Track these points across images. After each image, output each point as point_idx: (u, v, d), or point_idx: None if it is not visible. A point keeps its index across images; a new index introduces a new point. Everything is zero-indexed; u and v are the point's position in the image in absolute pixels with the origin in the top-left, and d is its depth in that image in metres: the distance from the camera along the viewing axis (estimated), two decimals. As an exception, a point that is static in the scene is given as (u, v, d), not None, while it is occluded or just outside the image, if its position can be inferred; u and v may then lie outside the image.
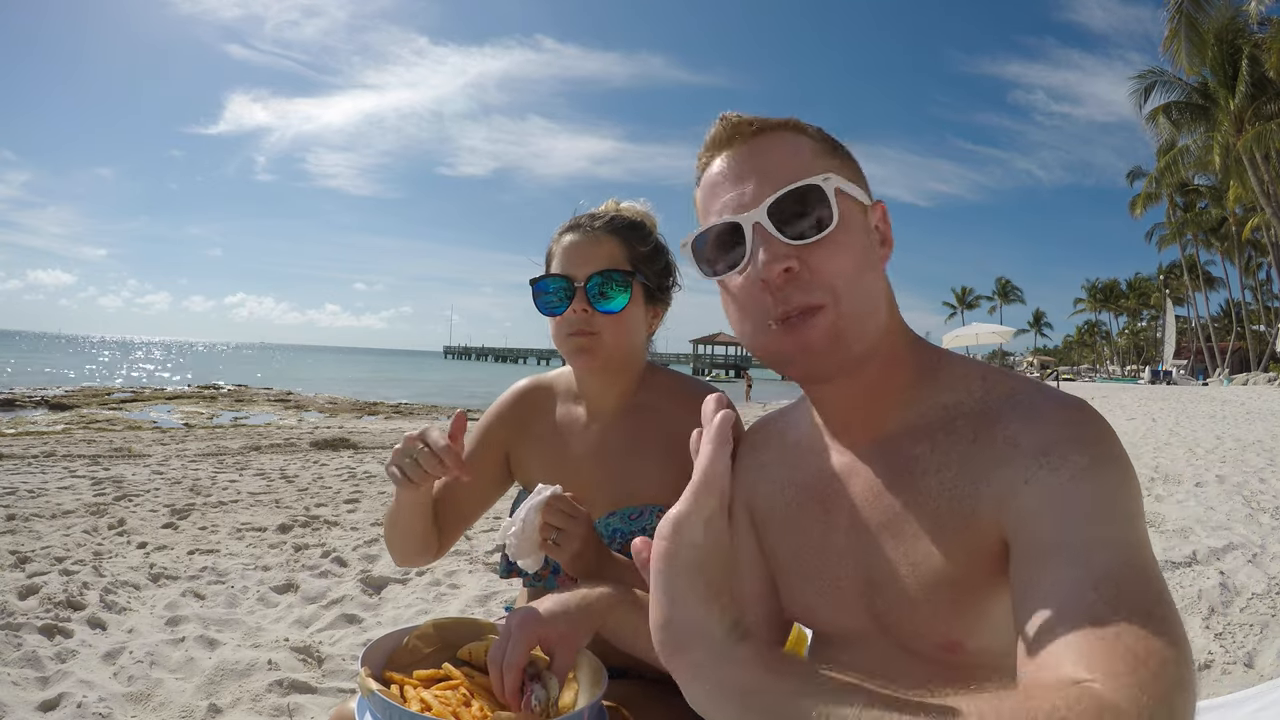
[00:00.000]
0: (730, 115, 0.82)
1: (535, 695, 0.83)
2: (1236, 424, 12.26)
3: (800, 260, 0.74)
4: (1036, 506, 0.66)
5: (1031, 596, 0.62)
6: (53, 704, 2.26)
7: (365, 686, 0.82)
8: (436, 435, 1.07)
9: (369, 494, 5.94)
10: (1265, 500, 5.28)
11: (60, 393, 18.28)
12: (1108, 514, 0.63)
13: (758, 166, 0.78)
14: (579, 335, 1.19)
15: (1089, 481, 0.65)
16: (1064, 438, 0.69)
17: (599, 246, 1.21)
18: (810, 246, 0.74)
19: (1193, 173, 34.69)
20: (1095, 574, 0.59)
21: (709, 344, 68.72)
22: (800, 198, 0.75)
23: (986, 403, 0.76)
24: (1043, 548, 0.64)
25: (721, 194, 0.79)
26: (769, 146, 0.80)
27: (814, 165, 0.78)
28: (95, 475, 6.36)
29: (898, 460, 0.78)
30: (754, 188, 0.77)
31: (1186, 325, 58.25)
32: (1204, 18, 26.71)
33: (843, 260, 0.75)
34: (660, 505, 1.19)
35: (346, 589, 3.46)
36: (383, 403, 20.10)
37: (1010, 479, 0.69)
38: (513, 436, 1.35)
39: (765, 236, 0.75)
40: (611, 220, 1.25)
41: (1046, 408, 0.72)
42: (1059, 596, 0.59)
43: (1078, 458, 0.67)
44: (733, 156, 0.80)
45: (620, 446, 1.25)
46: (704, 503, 0.59)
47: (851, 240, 0.77)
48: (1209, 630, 2.85)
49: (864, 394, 0.81)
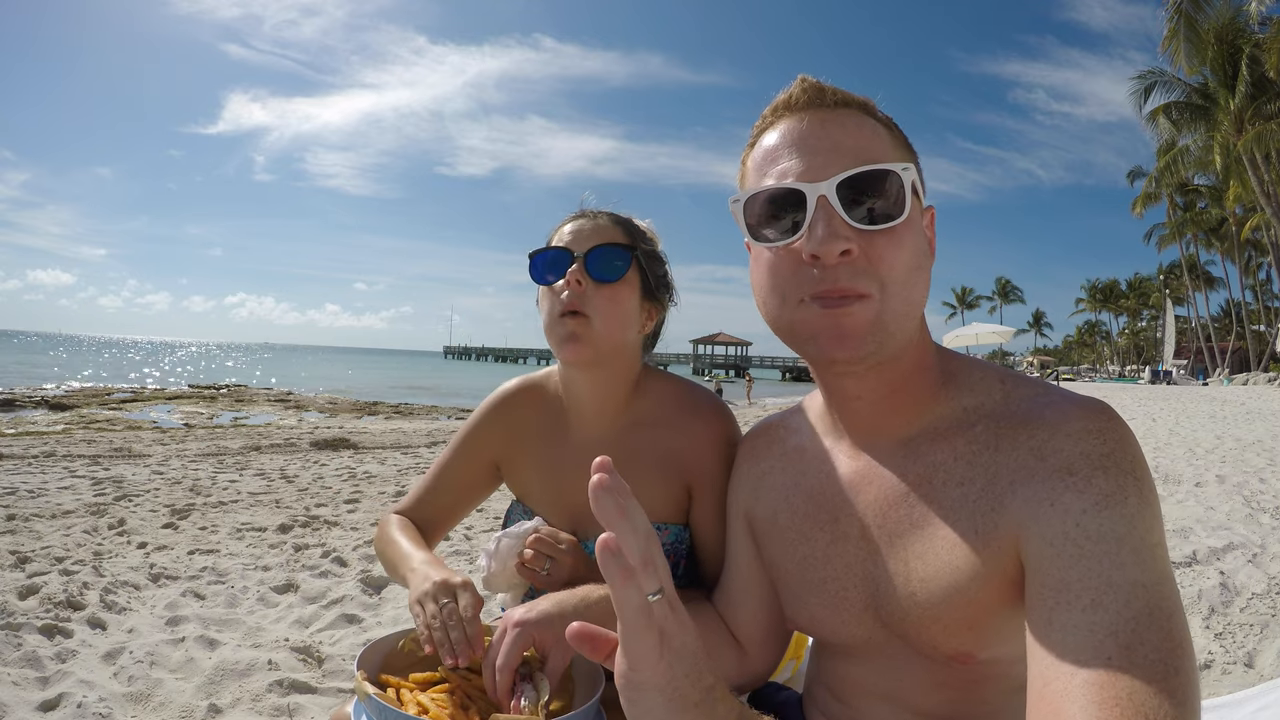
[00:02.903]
0: (810, 79, 0.78)
1: (526, 696, 0.83)
2: (1236, 424, 12.24)
3: (859, 246, 0.71)
4: (1057, 536, 0.64)
5: (1048, 634, 0.60)
6: (53, 704, 2.26)
7: (362, 690, 0.82)
8: (468, 603, 0.96)
9: (369, 494, 5.94)
10: (1265, 500, 5.28)
11: (60, 393, 18.28)
12: (1132, 552, 0.61)
13: (834, 139, 0.74)
14: (570, 316, 1.12)
15: (1113, 510, 0.63)
16: (1089, 453, 0.66)
17: (600, 227, 1.18)
18: (872, 234, 0.72)
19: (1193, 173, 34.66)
20: (1114, 621, 0.58)
21: (709, 344, 68.71)
22: (876, 181, 0.72)
23: (1007, 406, 0.74)
24: (1062, 584, 0.62)
25: (785, 159, 0.75)
26: (848, 121, 0.76)
27: (891, 153, 0.75)
28: (95, 475, 6.36)
29: (918, 466, 0.76)
30: (826, 159, 0.73)
31: (1186, 325, 58.22)
32: (1203, 18, 26.68)
33: (902, 255, 0.72)
34: (659, 522, 1.17)
35: (346, 589, 3.46)
36: (383, 403, 20.10)
37: (1034, 499, 0.67)
38: (501, 444, 1.30)
39: (829, 212, 0.71)
40: (613, 215, 1.23)
41: (1071, 414, 0.69)
42: (1076, 642, 0.58)
43: (1103, 481, 0.64)
44: (806, 122, 0.76)
45: (616, 459, 1.21)
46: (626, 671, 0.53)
47: (913, 237, 0.74)
48: (1209, 630, 2.84)
49: (888, 393, 0.78)
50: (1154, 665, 0.55)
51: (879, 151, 0.74)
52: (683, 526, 1.19)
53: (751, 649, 0.98)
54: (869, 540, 0.78)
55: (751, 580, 0.95)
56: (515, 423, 1.29)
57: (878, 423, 0.80)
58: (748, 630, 0.98)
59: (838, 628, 0.83)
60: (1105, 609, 0.58)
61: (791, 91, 0.77)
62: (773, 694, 1.10)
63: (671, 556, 1.19)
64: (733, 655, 0.98)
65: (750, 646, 0.98)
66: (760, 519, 0.92)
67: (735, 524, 0.98)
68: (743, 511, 0.95)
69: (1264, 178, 28.37)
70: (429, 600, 0.96)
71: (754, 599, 0.96)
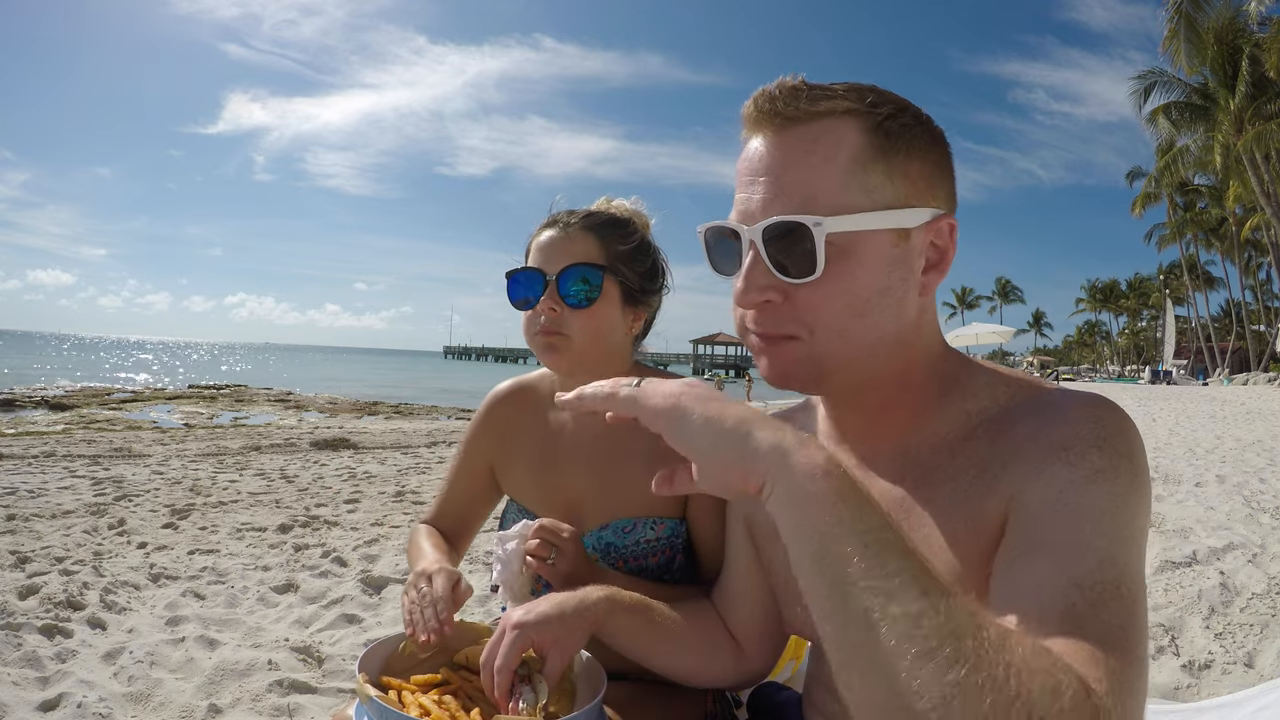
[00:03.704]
0: (771, 90, 0.70)
1: (524, 698, 0.83)
2: (1236, 424, 12.24)
3: (784, 294, 0.69)
4: (1039, 502, 0.63)
5: (1006, 578, 0.60)
6: (53, 704, 2.26)
7: (363, 692, 0.82)
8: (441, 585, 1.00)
9: (369, 494, 5.94)
10: (1265, 500, 5.27)
11: (60, 393, 18.28)
12: (1111, 526, 0.60)
13: (774, 169, 0.69)
14: (546, 334, 1.15)
15: (1103, 484, 0.62)
16: (1088, 435, 0.65)
17: (573, 243, 1.17)
18: (797, 284, 0.68)
19: (1193, 173, 34.67)
20: (1083, 577, 0.57)
21: (709, 344, 68.71)
22: (788, 234, 0.66)
23: (1010, 406, 0.72)
24: (1034, 542, 0.61)
25: (740, 188, 0.72)
26: (799, 144, 0.68)
27: (844, 183, 0.67)
28: (95, 475, 6.36)
29: (916, 471, 0.74)
30: (763, 195, 0.69)
31: (1186, 325, 58.22)
32: (1203, 18, 26.67)
33: (832, 304, 0.68)
34: (655, 517, 1.18)
35: (347, 589, 3.46)
36: (383, 403, 20.10)
37: (1023, 473, 0.66)
38: (494, 447, 1.32)
39: (755, 259, 0.68)
40: (589, 216, 1.21)
41: (1072, 406, 0.68)
42: (1036, 582, 0.58)
43: (1097, 458, 0.63)
44: (765, 144, 0.70)
45: (610, 457, 1.21)
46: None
47: (852, 282, 0.68)
48: (1209, 630, 2.84)
49: (874, 410, 0.77)
50: (1115, 631, 0.54)
51: (827, 185, 0.67)
52: (679, 521, 1.19)
53: (749, 647, 0.98)
54: None
55: (750, 582, 0.95)
56: (505, 425, 1.32)
57: (875, 433, 0.79)
58: (746, 629, 0.98)
59: None
60: (1076, 565, 0.57)
61: (757, 99, 0.70)
62: (773, 694, 1.10)
63: (667, 551, 1.19)
64: (730, 653, 0.98)
65: (748, 645, 0.98)
66: (760, 523, 0.91)
67: (735, 526, 0.97)
68: (743, 514, 0.95)
69: (1264, 178, 28.36)
70: (410, 589, 1.03)
71: (752, 599, 0.96)
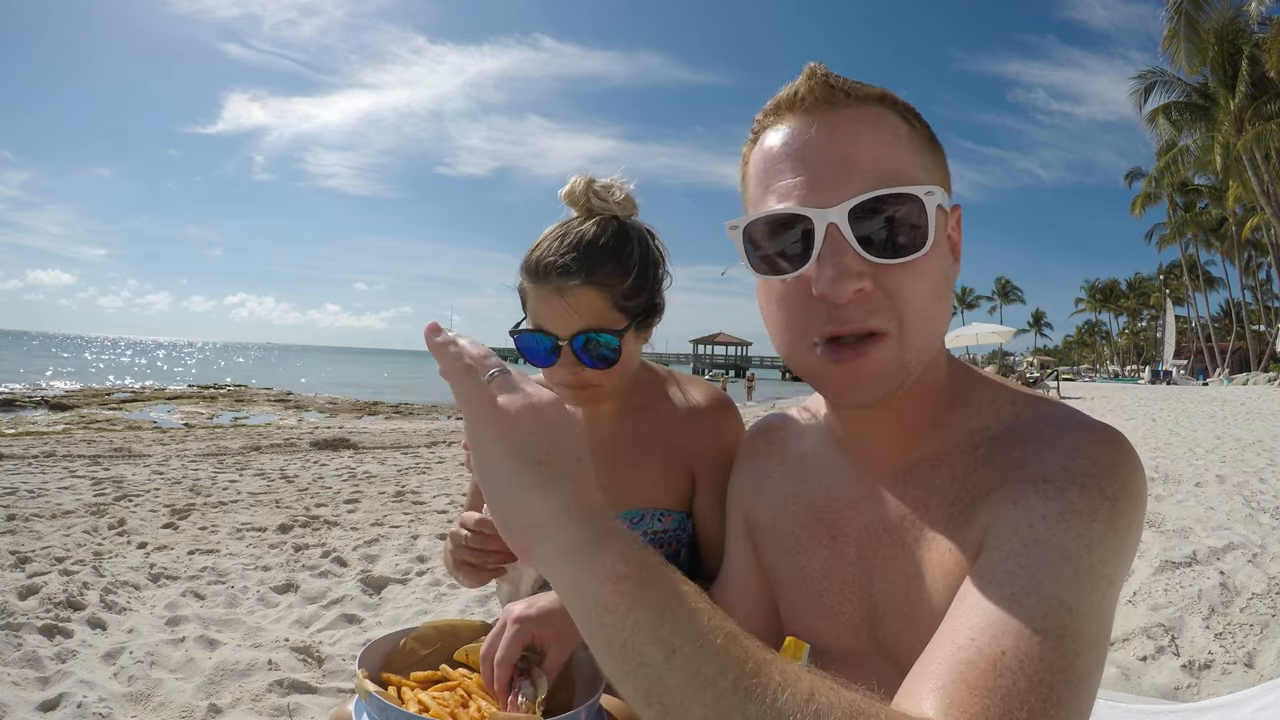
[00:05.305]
0: (819, 70, 0.66)
1: (524, 692, 0.83)
2: (1236, 424, 12.25)
3: (875, 280, 0.63)
4: (1008, 532, 0.59)
5: (957, 621, 0.56)
6: (53, 704, 2.26)
7: (363, 688, 0.82)
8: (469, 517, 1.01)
9: (369, 494, 5.94)
10: (1265, 500, 5.28)
11: (60, 393, 18.29)
12: (1074, 574, 0.55)
13: (845, 151, 0.64)
14: (573, 389, 1.10)
15: (1076, 525, 0.57)
16: (1075, 469, 0.60)
17: (579, 302, 1.04)
18: (889, 266, 0.62)
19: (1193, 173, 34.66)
20: (1021, 624, 0.53)
21: (709, 344, 68.70)
22: (895, 206, 0.62)
23: (1012, 427, 0.69)
24: (994, 577, 0.57)
25: (789, 173, 0.65)
26: (861, 125, 0.65)
27: (912, 161, 0.65)
28: (95, 475, 6.36)
29: (916, 491, 0.72)
30: (835, 177, 0.63)
31: (1186, 325, 58.27)
32: (1203, 17, 26.69)
33: (923, 287, 0.64)
34: (660, 509, 1.19)
35: (346, 589, 3.46)
36: (383, 403, 20.10)
37: (1000, 500, 0.62)
38: None
39: (840, 245, 0.62)
40: (584, 265, 1.04)
41: (1070, 435, 0.64)
42: (979, 636, 0.53)
43: (1075, 496, 0.59)
44: (815, 128, 0.65)
45: (618, 448, 1.22)
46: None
47: (936, 264, 0.65)
48: (1209, 630, 2.84)
49: (894, 422, 0.74)
50: (1039, 688, 0.50)
51: (899, 162, 0.64)
52: (685, 514, 1.20)
53: None
54: (865, 562, 0.76)
55: (749, 581, 0.95)
56: None
57: (881, 449, 0.77)
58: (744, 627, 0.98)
59: (830, 640, 0.82)
60: (1020, 610, 0.53)
61: (798, 86, 0.66)
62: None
63: (673, 544, 1.20)
64: None
65: None
66: (759, 523, 0.91)
67: (735, 524, 0.97)
68: (743, 512, 0.95)
69: (1264, 178, 28.37)
70: (448, 543, 1.06)
71: (751, 598, 0.96)
